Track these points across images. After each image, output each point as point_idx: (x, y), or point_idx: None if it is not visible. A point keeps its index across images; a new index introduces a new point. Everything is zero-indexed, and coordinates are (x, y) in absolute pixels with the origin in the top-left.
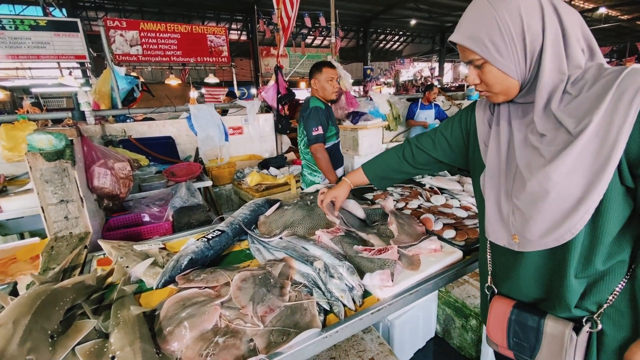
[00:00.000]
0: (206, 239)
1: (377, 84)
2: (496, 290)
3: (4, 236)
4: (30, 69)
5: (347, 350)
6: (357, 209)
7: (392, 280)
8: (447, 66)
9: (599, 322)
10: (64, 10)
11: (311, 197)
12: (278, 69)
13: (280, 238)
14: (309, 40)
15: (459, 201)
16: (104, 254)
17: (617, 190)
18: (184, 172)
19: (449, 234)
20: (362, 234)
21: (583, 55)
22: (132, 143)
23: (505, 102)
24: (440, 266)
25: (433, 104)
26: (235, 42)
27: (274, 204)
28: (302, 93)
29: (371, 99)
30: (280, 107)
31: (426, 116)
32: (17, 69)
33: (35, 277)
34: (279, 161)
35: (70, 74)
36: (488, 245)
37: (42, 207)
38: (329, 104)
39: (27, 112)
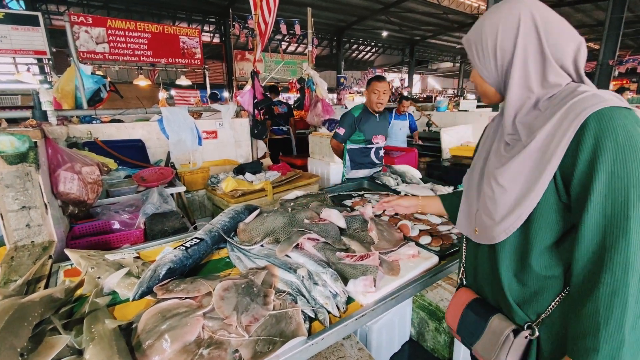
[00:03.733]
0: (184, 248)
1: (350, 93)
2: (465, 282)
3: None
4: None
5: (327, 357)
6: (339, 219)
7: (375, 286)
8: (416, 77)
9: (536, 329)
10: (21, 2)
11: (291, 204)
12: (255, 74)
13: (262, 246)
14: (283, 45)
15: None
16: (72, 265)
17: (551, 202)
18: (155, 177)
19: (425, 239)
20: (344, 240)
21: (568, 77)
22: (99, 146)
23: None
24: (418, 271)
25: (407, 114)
26: (207, 44)
27: (254, 211)
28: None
29: (346, 107)
30: (256, 112)
31: (401, 126)
32: None
33: None
34: (254, 167)
35: (28, 70)
36: (465, 239)
37: (0, 214)
38: (375, 114)
39: None
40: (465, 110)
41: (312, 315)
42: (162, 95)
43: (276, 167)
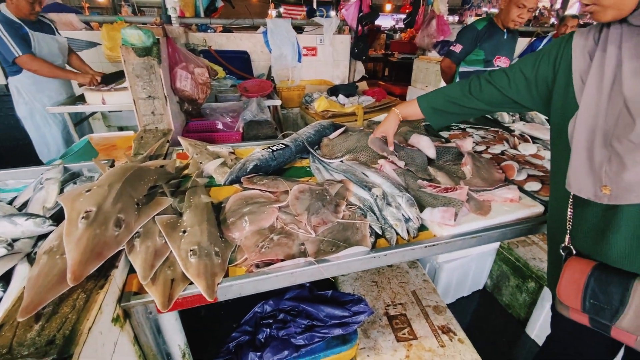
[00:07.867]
0: (271, 150)
1: (477, 14)
2: (574, 251)
3: (108, 127)
4: None
5: (390, 279)
6: (429, 148)
7: (455, 220)
8: None
9: None
10: None
11: None
12: None
13: (341, 161)
14: None
15: None
16: (182, 149)
17: None
18: (256, 89)
19: (533, 186)
20: (431, 170)
21: None
22: (211, 54)
23: (617, 24)
24: (514, 217)
25: None
26: None
27: (339, 128)
28: (385, 20)
29: None
30: (360, 27)
31: None
32: None
33: (128, 158)
34: (349, 89)
35: None
36: (570, 200)
37: (134, 100)
38: (504, 30)
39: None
40: None
41: (380, 233)
42: (271, 11)
43: (371, 92)
